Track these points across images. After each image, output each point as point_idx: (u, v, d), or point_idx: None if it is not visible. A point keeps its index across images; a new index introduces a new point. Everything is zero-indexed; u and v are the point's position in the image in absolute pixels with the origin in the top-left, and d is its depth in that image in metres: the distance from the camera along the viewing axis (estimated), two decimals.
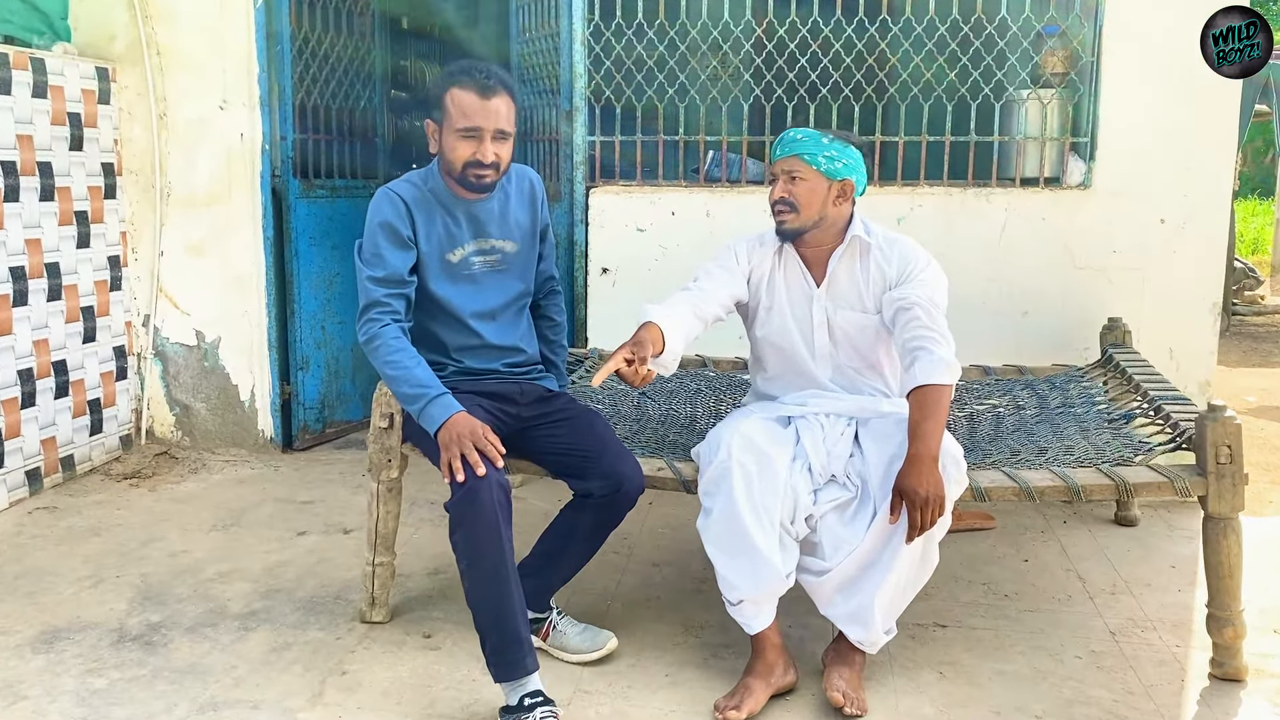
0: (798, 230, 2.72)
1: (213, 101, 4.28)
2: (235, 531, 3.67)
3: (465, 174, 2.61)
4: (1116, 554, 3.52)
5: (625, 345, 2.47)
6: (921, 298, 2.64)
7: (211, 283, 4.41)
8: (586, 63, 4.17)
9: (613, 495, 2.61)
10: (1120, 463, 2.81)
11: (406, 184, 2.70)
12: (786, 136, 2.71)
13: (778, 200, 2.71)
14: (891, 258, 2.73)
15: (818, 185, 2.68)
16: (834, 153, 2.66)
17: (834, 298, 2.78)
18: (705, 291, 2.76)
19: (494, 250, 2.74)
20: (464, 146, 2.58)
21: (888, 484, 2.55)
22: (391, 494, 2.90)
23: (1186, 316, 3.93)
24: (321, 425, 4.66)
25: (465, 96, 2.56)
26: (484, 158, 2.59)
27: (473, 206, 2.70)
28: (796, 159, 2.67)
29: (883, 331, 2.78)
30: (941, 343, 2.59)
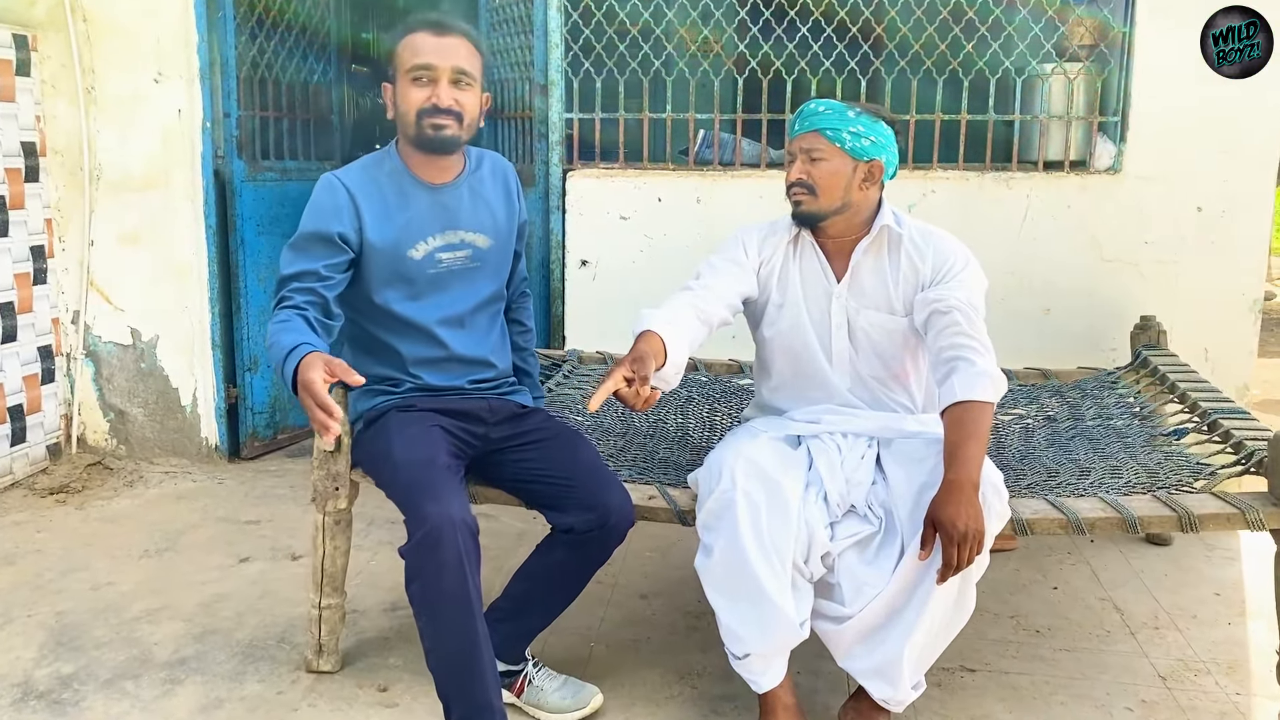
0: (816, 216, 2.36)
1: (146, 74, 3.84)
2: (169, 558, 3.26)
3: (421, 126, 2.23)
4: (1153, 579, 3.18)
5: (623, 361, 2.10)
6: (961, 301, 2.30)
7: (148, 275, 3.99)
8: (563, 31, 3.77)
9: (597, 531, 2.23)
10: (1178, 489, 2.46)
11: (358, 169, 2.32)
12: (806, 109, 2.35)
13: (795, 182, 2.34)
14: (926, 252, 2.37)
15: (841, 166, 2.32)
16: (861, 128, 2.30)
17: (857, 295, 2.42)
18: (710, 290, 2.39)
19: (464, 245, 2.35)
20: (416, 92, 2.23)
21: (918, 516, 2.20)
22: (340, 527, 2.51)
23: (1224, 314, 3.61)
24: (272, 431, 4.25)
25: (417, 38, 2.24)
26: (439, 101, 2.21)
27: (440, 193, 2.32)
28: (817, 135, 2.31)
29: (911, 337, 2.42)
30: (984, 353, 2.26)
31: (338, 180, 2.27)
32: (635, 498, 2.41)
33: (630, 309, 3.85)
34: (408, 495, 2.08)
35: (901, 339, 2.43)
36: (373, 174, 2.30)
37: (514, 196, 2.46)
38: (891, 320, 2.41)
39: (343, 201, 2.24)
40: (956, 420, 2.17)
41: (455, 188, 2.34)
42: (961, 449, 2.13)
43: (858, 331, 2.43)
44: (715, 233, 3.73)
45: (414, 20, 2.26)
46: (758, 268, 2.46)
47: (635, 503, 2.39)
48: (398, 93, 2.26)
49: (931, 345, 2.32)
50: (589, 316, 3.84)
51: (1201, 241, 3.61)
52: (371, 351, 2.34)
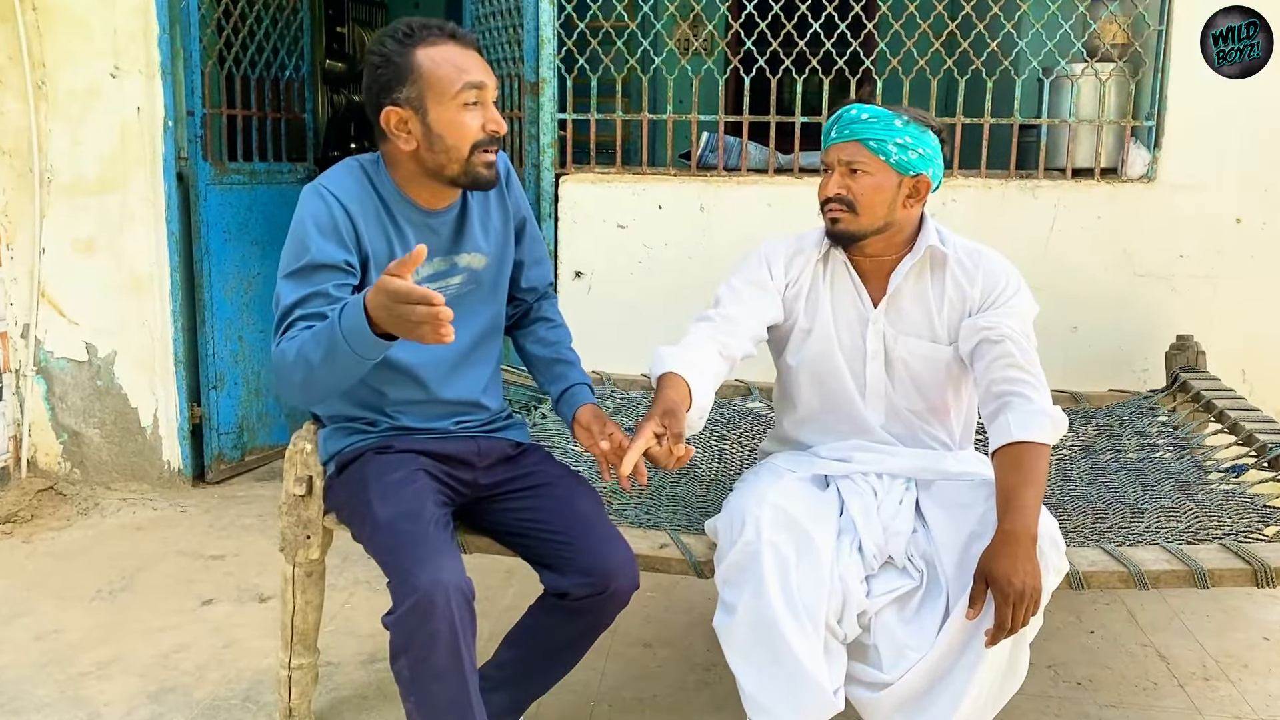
0: (855, 235, 2.11)
1: (102, 68, 3.55)
2: (124, 600, 2.96)
3: (473, 162, 1.88)
4: (1195, 621, 2.95)
5: (651, 415, 1.85)
6: (1014, 330, 2.06)
7: (105, 286, 3.69)
8: (556, 24, 3.49)
9: (594, 598, 1.95)
10: (1247, 535, 2.22)
11: (347, 177, 1.95)
12: (846, 115, 2.08)
13: (832, 198, 2.09)
14: (975, 275, 2.13)
15: (885, 181, 2.06)
16: (909, 139, 2.04)
17: (895, 321, 2.17)
18: (732, 321, 2.13)
19: (457, 270, 2.04)
20: (472, 118, 1.87)
21: (965, 570, 1.95)
22: (312, 579, 2.22)
23: (1264, 331, 3.41)
24: (240, 453, 3.96)
25: (445, 50, 1.86)
26: (499, 126, 1.89)
27: (433, 219, 2.00)
28: (859, 146, 2.05)
29: (954, 366, 2.18)
30: (1040, 389, 2.03)
31: (330, 194, 1.91)
32: (644, 546, 2.15)
33: (628, 324, 3.64)
34: (392, 557, 1.81)
35: (944, 369, 2.18)
36: (365, 187, 1.95)
37: (505, 188, 2.11)
38: (934, 349, 2.16)
39: (340, 219, 1.89)
40: (1012, 463, 1.94)
41: (450, 211, 2.03)
42: (1018, 496, 1.90)
43: (895, 361, 2.18)
44: (719, 243, 3.48)
45: (418, 30, 1.87)
46: (783, 289, 2.21)
47: (644, 552, 2.13)
48: (435, 121, 1.86)
49: (981, 378, 2.08)
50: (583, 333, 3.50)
51: (1240, 255, 3.40)
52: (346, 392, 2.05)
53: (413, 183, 1.96)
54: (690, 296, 3.49)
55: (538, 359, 2.23)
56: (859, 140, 2.05)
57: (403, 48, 1.85)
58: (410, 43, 1.86)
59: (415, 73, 1.85)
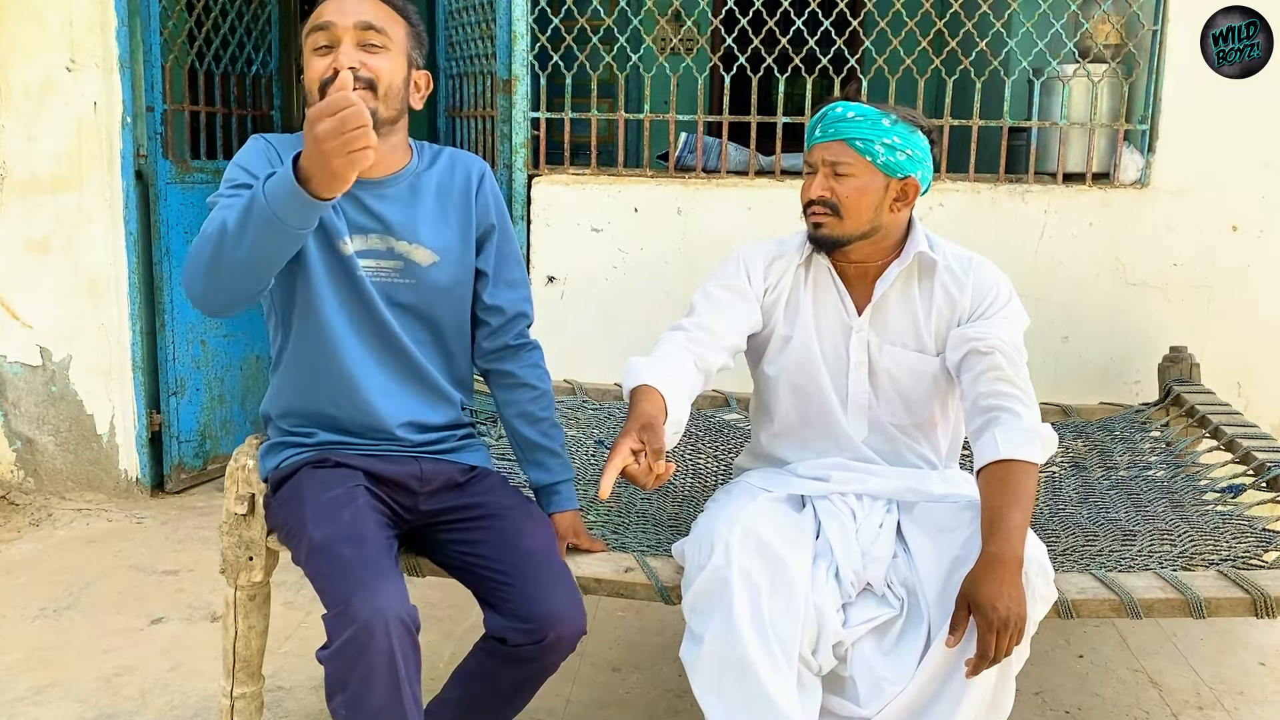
0: (840, 240, 2.00)
1: (57, 61, 3.41)
2: (70, 618, 2.83)
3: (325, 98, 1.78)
4: (1188, 645, 2.83)
5: (629, 431, 1.73)
6: (1004, 341, 1.96)
7: (60, 288, 3.55)
8: (530, 20, 3.37)
9: (531, 646, 1.80)
10: (1246, 562, 2.10)
11: (290, 139, 1.87)
12: (831, 113, 1.97)
13: (816, 200, 1.97)
14: (965, 283, 2.02)
15: (871, 183, 1.95)
16: (897, 139, 1.93)
17: (880, 330, 2.05)
18: (708, 333, 2.02)
19: (393, 254, 1.88)
20: (319, 61, 1.77)
21: (948, 597, 1.84)
22: (255, 603, 2.09)
23: (1260, 343, 3.32)
24: (201, 461, 3.82)
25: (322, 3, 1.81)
26: (341, 64, 1.75)
27: (365, 190, 1.85)
28: (845, 146, 1.94)
29: (942, 379, 2.07)
30: (1029, 405, 1.92)
31: (267, 142, 1.85)
32: (608, 570, 2.02)
33: (602, 331, 3.52)
34: (329, 584, 1.67)
35: (930, 382, 2.06)
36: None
37: (474, 197, 1.96)
38: (920, 359, 2.05)
39: (273, 159, 1.81)
40: (997, 481, 1.83)
41: (390, 184, 1.88)
42: (1004, 517, 1.79)
43: (880, 372, 2.06)
44: (697, 247, 3.36)
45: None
46: (762, 295, 2.09)
47: (608, 576, 2.01)
48: (305, 65, 1.82)
49: (968, 390, 1.97)
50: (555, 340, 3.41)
51: (1237, 264, 3.30)
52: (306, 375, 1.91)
53: None
54: (667, 302, 3.37)
55: (522, 439, 2.08)
56: (844, 140, 1.93)
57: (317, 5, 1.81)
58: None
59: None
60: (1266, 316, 3.30)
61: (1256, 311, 3.30)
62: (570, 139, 3.46)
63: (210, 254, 1.60)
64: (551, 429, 2.08)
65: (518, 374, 2.05)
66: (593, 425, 2.96)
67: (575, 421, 2.96)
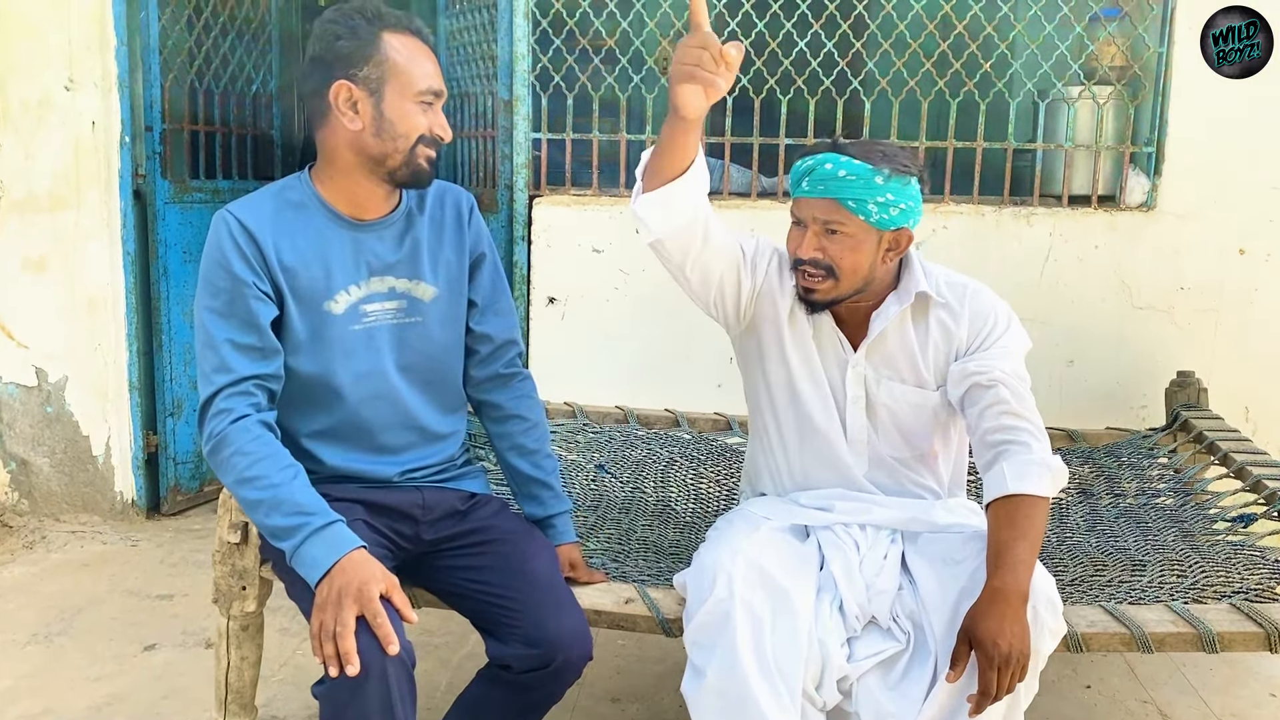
0: (833, 303, 1.96)
1: (56, 79, 3.39)
2: (61, 644, 2.78)
3: (415, 154, 1.79)
4: (1197, 675, 2.79)
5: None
6: (1006, 373, 1.92)
7: (56, 307, 3.52)
8: (531, 40, 3.35)
9: (538, 671, 1.78)
10: (1258, 594, 2.07)
11: (253, 203, 1.81)
12: (820, 170, 1.88)
13: (807, 260, 1.91)
14: (961, 314, 1.98)
15: (864, 239, 1.90)
16: (890, 196, 1.87)
17: (876, 365, 2.01)
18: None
19: (399, 294, 1.87)
20: (419, 115, 1.79)
21: (955, 631, 1.80)
22: (248, 634, 2.06)
23: (1268, 368, 3.28)
24: (198, 483, 3.78)
25: (414, 45, 1.79)
26: (445, 133, 1.81)
27: (364, 231, 1.85)
28: (837, 205, 1.87)
29: (942, 411, 2.03)
30: (1038, 437, 1.88)
31: (234, 219, 1.77)
32: (608, 601, 1.99)
33: (602, 352, 3.48)
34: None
35: (930, 415, 2.03)
36: (280, 205, 1.82)
37: (466, 228, 1.95)
38: (919, 394, 2.01)
39: (247, 245, 1.76)
40: (1005, 516, 1.80)
41: (387, 225, 1.87)
42: (1010, 551, 1.76)
43: (878, 407, 2.02)
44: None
45: (385, 14, 1.78)
46: (758, 285, 2.03)
47: (608, 607, 1.98)
48: (387, 106, 1.76)
49: (974, 426, 1.93)
50: (556, 361, 3.41)
51: (1244, 288, 3.26)
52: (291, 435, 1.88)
53: (343, 183, 1.83)
54: (668, 324, 3.34)
55: (516, 472, 2.06)
56: (837, 199, 1.87)
57: (371, 27, 1.76)
58: (379, 24, 1.77)
59: (381, 55, 1.76)
60: (1275, 341, 3.26)
61: (1265, 335, 3.26)
62: (571, 159, 3.44)
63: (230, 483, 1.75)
64: (544, 461, 2.05)
65: (507, 405, 2.03)
66: (593, 449, 2.92)
67: (575, 445, 2.92)
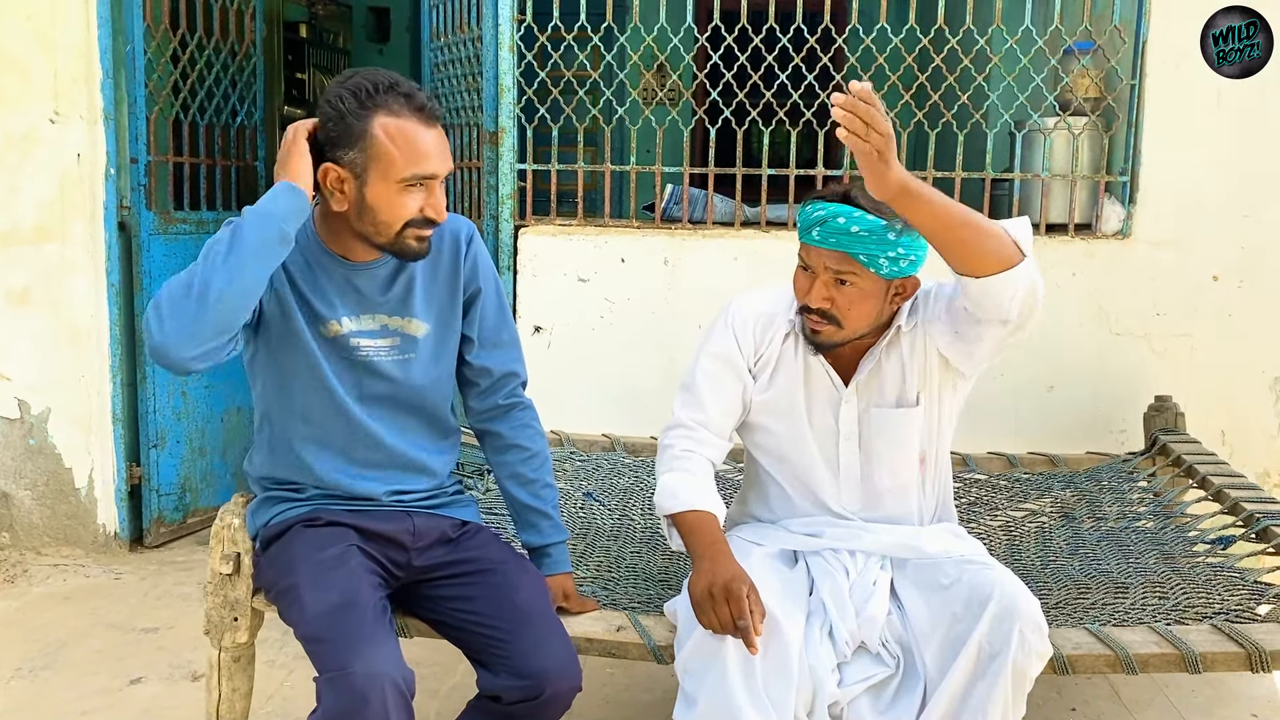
0: (837, 345, 2.00)
1: (41, 112, 3.40)
2: (45, 678, 2.76)
3: (403, 237, 1.77)
4: (1180, 696, 2.81)
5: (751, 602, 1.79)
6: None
7: (39, 339, 3.51)
8: (516, 73, 3.39)
9: (527, 703, 1.78)
10: (1239, 615, 2.10)
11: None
12: (833, 223, 1.88)
13: (815, 310, 1.94)
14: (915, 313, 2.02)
15: (873, 289, 1.93)
16: (901, 250, 1.90)
17: (867, 395, 2.04)
18: (708, 429, 2.07)
19: (389, 332, 1.89)
20: (411, 200, 1.75)
21: (945, 655, 1.85)
22: (239, 665, 2.06)
23: (1243, 393, 3.32)
24: (182, 515, 3.76)
25: (405, 127, 1.73)
26: (438, 214, 1.77)
27: (356, 272, 1.86)
28: (847, 259, 1.89)
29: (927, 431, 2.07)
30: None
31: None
32: (599, 629, 2.00)
33: (589, 381, 3.49)
34: (323, 648, 1.65)
35: (916, 437, 2.06)
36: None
37: (463, 261, 1.95)
38: (906, 415, 2.04)
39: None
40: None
41: (377, 266, 1.87)
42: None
43: (870, 437, 2.05)
44: (684, 297, 3.36)
45: (384, 93, 1.72)
46: (753, 364, 2.08)
47: (599, 635, 2.00)
48: (371, 191, 1.74)
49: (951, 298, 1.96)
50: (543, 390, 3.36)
51: (1218, 314, 3.30)
52: (275, 448, 1.89)
53: (338, 238, 1.84)
54: (654, 353, 3.36)
55: (513, 500, 2.07)
56: (849, 254, 1.88)
57: (361, 109, 1.71)
58: (370, 105, 1.72)
59: (366, 140, 1.72)
60: (1248, 366, 3.30)
61: (1238, 360, 3.30)
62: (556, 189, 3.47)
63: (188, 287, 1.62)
64: (544, 490, 2.06)
65: (507, 435, 2.05)
66: (581, 477, 2.94)
67: (563, 473, 2.93)
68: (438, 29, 3.73)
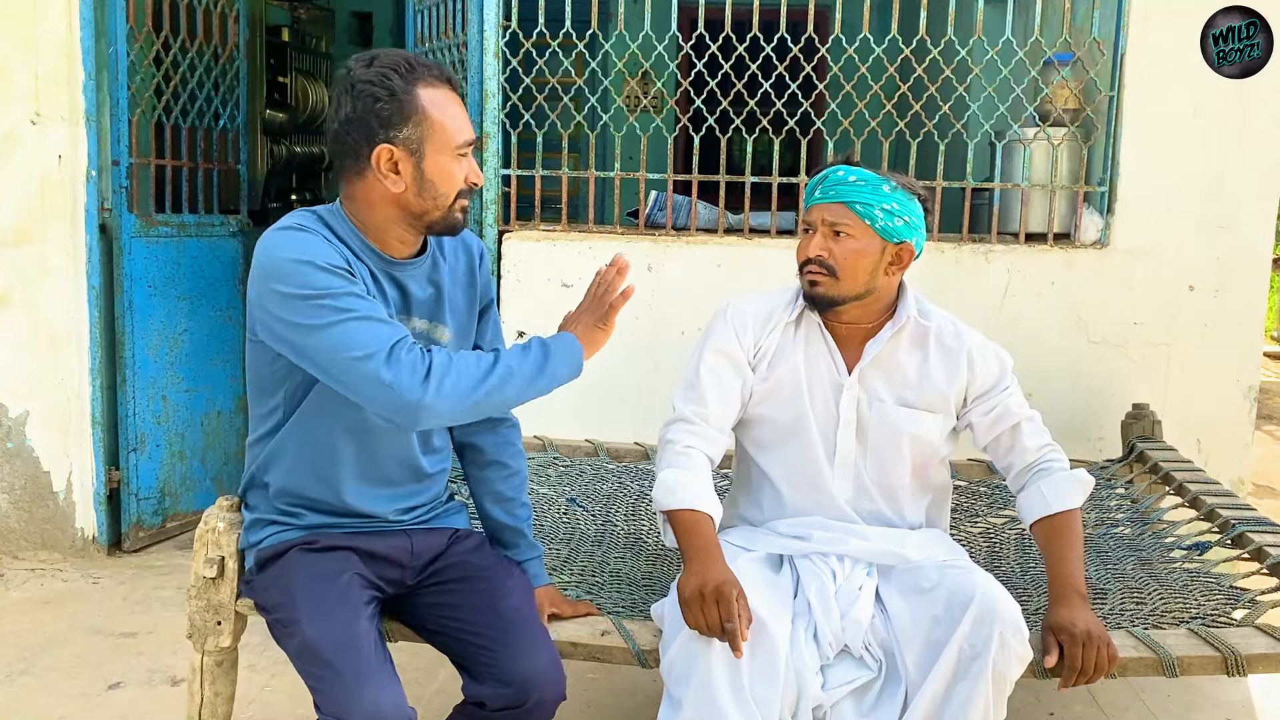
0: (834, 300, 2.03)
1: (21, 113, 3.38)
2: (23, 684, 2.74)
3: (453, 209, 1.78)
4: (1157, 702, 2.84)
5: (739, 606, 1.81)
6: (1020, 410, 2.14)
7: (18, 342, 3.49)
8: (500, 79, 3.40)
9: (511, 710, 1.78)
10: (1215, 620, 2.12)
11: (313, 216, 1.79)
12: (833, 176, 2.01)
13: (812, 260, 2.00)
14: (959, 358, 2.09)
15: (869, 246, 1.99)
16: (895, 205, 1.98)
17: (869, 387, 2.08)
18: (710, 424, 2.08)
19: (420, 334, 1.87)
20: (459, 169, 1.78)
21: (927, 658, 1.87)
22: (222, 669, 2.05)
23: (1218, 401, 3.35)
24: (161, 519, 3.74)
25: (446, 97, 1.76)
26: (478, 179, 1.81)
27: (395, 270, 1.83)
28: (845, 208, 1.98)
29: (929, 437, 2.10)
30: (1058, 453, 2.14)
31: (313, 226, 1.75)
32: (583, 633, 2.01)
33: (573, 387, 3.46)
34: (325, 684, 1.65)
35: (916, 440, 2.09)
36: (330, 229, 1.78)
37: (477, 273, 1.97)
38: (910, 415, 2.08)
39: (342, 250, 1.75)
40: (1054, 531, 2.04)
41: (415, 266, 1.85)
42: (1065, 562, 2.00)
43: (869, 430, 2.08)
44: (668, 303, 3.37)
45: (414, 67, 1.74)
46: (752, 357, 2.11)
47: (584, 639, 2.00)
48: (429, 166, 1.74)
49: (1002, 460, 2.16)
50: None
51: (1194, 323, 3.35)
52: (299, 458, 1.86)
53: (383, 228, 1.79)
54: (638, 359, 3.37)
55: (490, 518, 2.08)
56: (845, 202, 1.97)
57: (406, 84, 1.72)
58: (413, 79, 1.72)
59: (420, 114, 1.72)
60: (1223, 375, 3.34)
61: (1213, 370, 3.34)
62: (540, 195, 3.48)
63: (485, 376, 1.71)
64: (519, 509, 2.07)
65: (490, 451, 2.05)
66: (564, 482, 2.94)
67: (546, 479, 2.94)
68: (423, 34, 3.73)
